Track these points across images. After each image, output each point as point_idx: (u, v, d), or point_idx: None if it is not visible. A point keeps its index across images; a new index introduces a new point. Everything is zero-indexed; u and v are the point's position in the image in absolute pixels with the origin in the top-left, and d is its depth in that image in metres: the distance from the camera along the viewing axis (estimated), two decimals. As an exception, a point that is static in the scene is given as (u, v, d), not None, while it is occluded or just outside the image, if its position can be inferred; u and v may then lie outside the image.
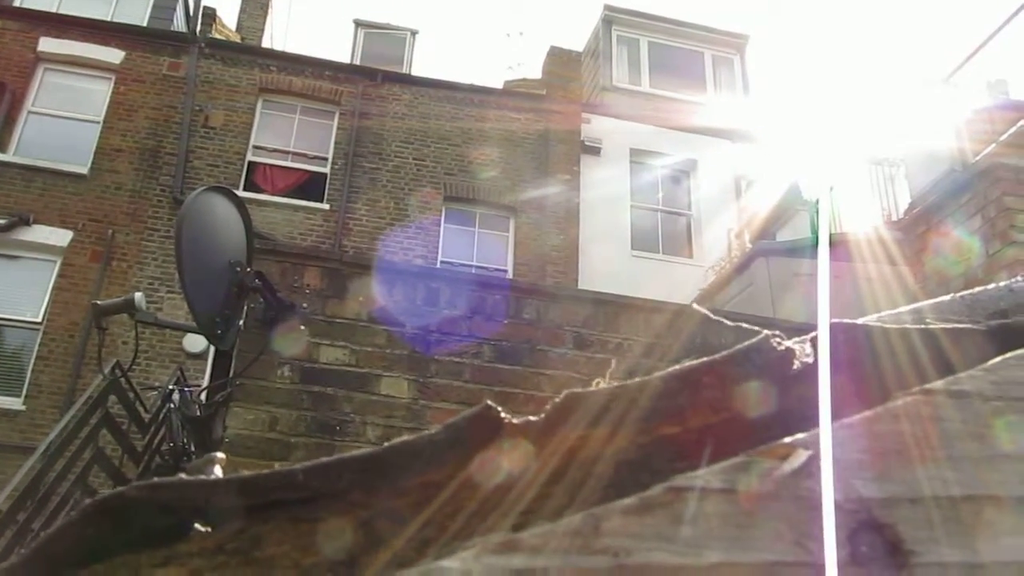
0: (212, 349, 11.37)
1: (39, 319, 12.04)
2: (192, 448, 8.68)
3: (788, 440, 0.58)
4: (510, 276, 13.48)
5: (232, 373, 4.18)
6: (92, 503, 0.56)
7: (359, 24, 17.99)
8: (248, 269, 4.06)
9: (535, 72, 17.53)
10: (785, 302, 6.31)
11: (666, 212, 15.62)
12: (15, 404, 11.42)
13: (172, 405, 8.86)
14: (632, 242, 14.73)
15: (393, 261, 9.68)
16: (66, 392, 11.23)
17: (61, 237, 12.51)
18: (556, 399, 0.63)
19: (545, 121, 14.93)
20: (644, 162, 15.53)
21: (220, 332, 3.93)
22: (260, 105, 14.37)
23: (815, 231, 9.75)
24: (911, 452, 0.59)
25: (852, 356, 0.66)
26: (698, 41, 18.00)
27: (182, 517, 0.58)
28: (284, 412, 4.06)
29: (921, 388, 0.62)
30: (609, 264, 13.73)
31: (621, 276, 12.63)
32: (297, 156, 14.33)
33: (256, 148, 14.11)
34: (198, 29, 14.88)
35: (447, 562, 0.49)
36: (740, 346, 0.65)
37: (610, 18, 17.77)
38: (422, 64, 36.31)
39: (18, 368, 11.87)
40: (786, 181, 12.02)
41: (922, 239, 6.39)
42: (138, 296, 4.76)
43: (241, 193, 11.65)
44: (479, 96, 15.16)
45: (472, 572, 0.48)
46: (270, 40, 18.59)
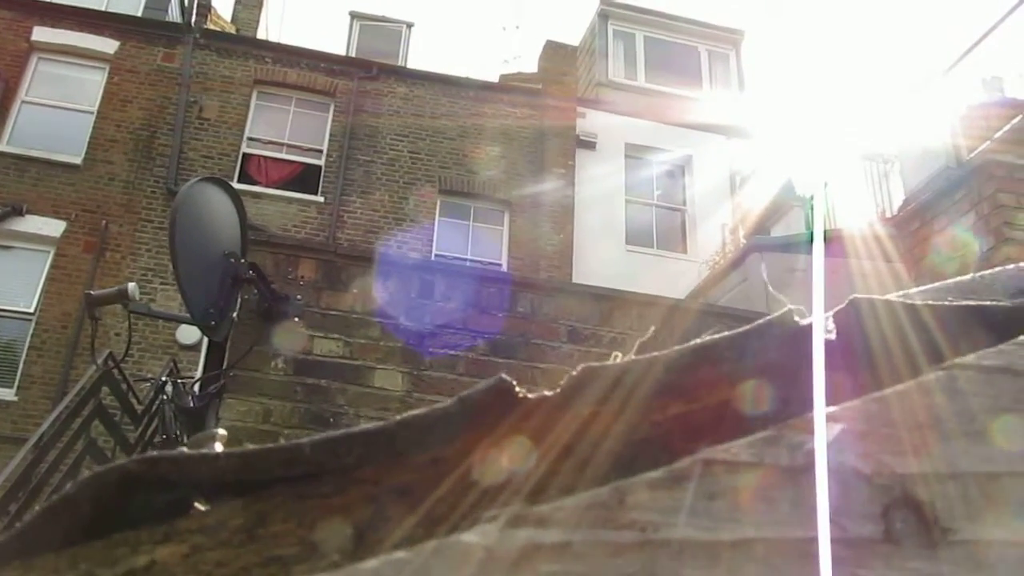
0: (205, 341, 11.37)
1: (32, 310, 12.00)
2: (185, 440, 8.69)
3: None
4: (505, 270, 13.47)
5: (226, 364, 4.17)
6: (90, 477, 0.55)
7: (354, 16, 17.95)
8: (242, 260, 4.05)
9: (531, 66, 17.53)
10: (780, 298, 6.30)
11: (661, 207, 15.63)
12: (7, 395, 11.39)
13: (165, 396, 8.84)
14: (627, 237, 14.73)
15: (388, 254, 9.67)
16: (59, 383, 11.20)
17: (54, 227, 12.46)
18: (572, 372, 0.61)
19: (540, 115, 14.91)
20: (639, 157, 15.53)
21: (214, 323, 3.92)
22: (255, 97, 14.33)
23: (810, 227, 9.76)
24: (944, 427, 0.58)
25: (878, 330, 0.65)
26: (694, 36, 18.00)
27: (182, 493, 0.57)
28: (278, 404, 4.05)
29: (952, 362, 0.61)
30: (603, 259, 13.72)
31: (615, 271, 12.62)
32: (292, 148, 14.29)
33: (251, 140, 14.07)
34: (193, 20, 14.82)
35: (467, 536, 0.48)
36: (761, 320, 0.64)
37: (606, 12, 17.76)
38: (417, 57, 36.27)
39: (11, 359, 11.83)
40: (781, 177, 12.04)
41: (916, 236, 6.39)
42: (131, 287, 4.73)
43: (235, 185, 11.61)
44: (474, 90, 15.14)
45: (493, 545, 0.47)
46: (265, 32, 18.54)
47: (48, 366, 11.56)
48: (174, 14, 15.91)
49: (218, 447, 0.77)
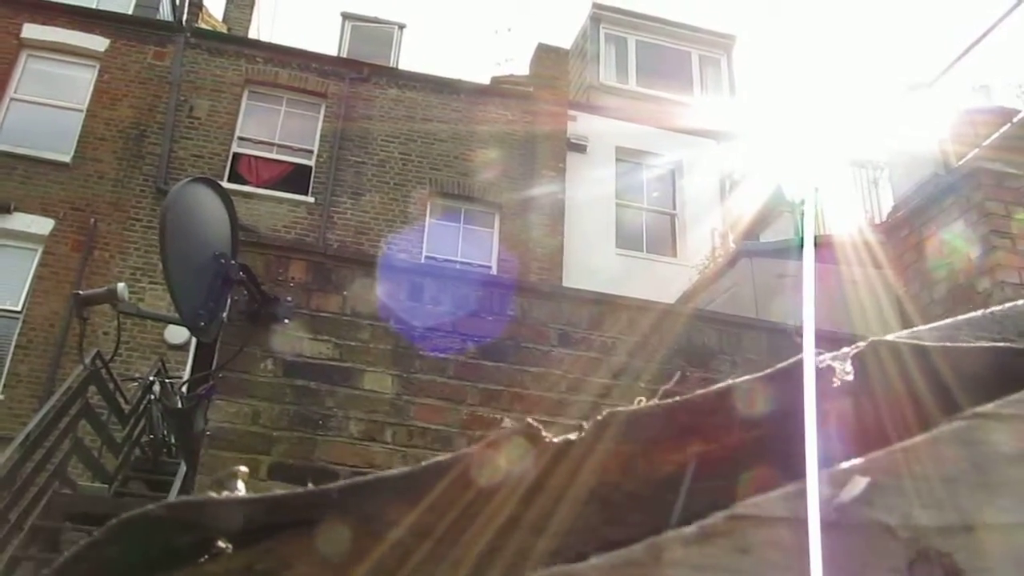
0: (194, 341, 11.33)
1: (19, 308, 11.94)
2: (172, 440, 8.66)
3: (845, 466, 0.57)
4: (495, 272, 13.47)
5: (215, 366, 4.15)
6: (116, 522, 0.54)
7: (346, 17, 17.93)
8: (233, 261, 4.03)
9: (523, 69, 17.52)
10: (770, 303, 6.32)
11: (651, 211, 15.65)
12: (-7, 394, 11.33)
13: (153, 396, 8.83)
14: (617, 240, 14.75)
15: (378, 256, 9.65)
16: (45, 382, 11.14)
17: (42, 226, 12.40)
18: (598, 417, 0.61)
19: (532, 118, 14.92)
20: (630, 161, 15.55)
21: (203, 324, 3.90)
22: (246, 96, 14.30)
23: (800, 232, 9.79)
24: (966, 478, 0.58)
25: (896, 375, 0.65)
26: (686, 41, 18.04)
27: (205, 535, 0.56)
28: (266, 405, 4.03)
29: (972, 412, 0.61)
30: (593, 262, 13.73)
31: (605, 274, 12.64)
32: (282, 148, 14.27)
33: (241, 139, 14.04)
34: (184, 19, 14.79)
35: None
36: (780, 365, 0.64)
37: (598, 16, 17.78)
38: (409, 59, 36.18)
39: (-3, 357, 11.77)
40: (771, 182, 12.06)
41: (905, 242, 6.41)
42: (121, 287, 4.71)
43: (225, 184, 11.58)
44: (466, 92, 15.14)
45: None
46: (257, 31, 18.50)
47: (35, 365, 11.50)
48: (165, 13, 15.85)
49: (240, 486, 0.76)
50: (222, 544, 0.57)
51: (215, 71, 14.16)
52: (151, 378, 9.24)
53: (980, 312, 0.83)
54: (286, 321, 4.16)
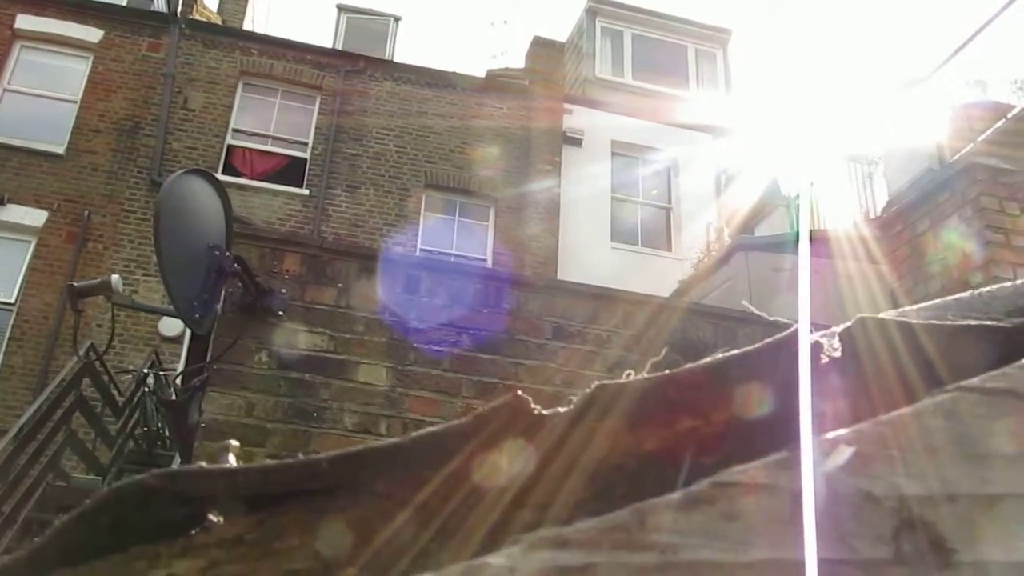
0: (188, 333, 11.30)
1: (12, 300, 11.90)
2: (167, 432, 8.66)
3: (830, 436, 0.58)
4: (490, 265, 13.47)
5: (209, 358, 4.14)
6: (109, 491, 0.55)
7: (342, 9, 17.88)
8: (227, 254, 4.02)
9: (518, 62, 17.49)
10: (765, 297, 6.32)
11: (646, 205, 15.66)
12: (-14, 385, 11.30)
13: (147, 389, 8.82)
14: (612, 234, 14.76)
15: (373, 248, 9.63)
16: (39, 374, 11.12)
17: (36, 217, 12.36)
18: (586, 390, 0.61)
19: (527, 111, 14.90)
20: (625, 155, 15.55)
21: (198, 316, 3.89)
22: (240, 88, 14.25)
23: (795, 227, 9.81)
24: (949, 449, 0.59)
25: (883, 351, 0.65)
26: (682, 35, 18.04)
27: (198, 507, 0.56)
28: (261, 398, 4.03)
29: (957, 385, 0.62)
30: (588, 255, 13.73)
31: (600, 268, 12.63)
32: (277, 140, 14.24)
33: (236, 131, 14.00)
34: (179, 10, 14.70)
35: (493, 558, 0.47)
36: (769, 339, 0.64)
37: (594, 9, 17.76)
38: (405, 51, 36.11)
39: (-10, 349, 11.74)
40: (766, 177, 12.08)
41: (900, 237, 6.42)
42: (115, 279, 4.71)
43: (220, 177, 11.56)
44: (461, 84, 15.11)
45: (518, 568, 0.47)
46: (251, 23, 18.43)
47: (28, 357, 11.47)
48: (159, 3, 15.78)
49: (231, 459, 0.76)
50: (213, 517, 0.57)
51: (210, 63, 14.11)
52: (145, 370, 9.24)
53: (968, 293, 0.84)
54: (280, 313, 4.16)
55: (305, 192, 13.62)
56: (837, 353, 0.65)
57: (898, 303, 5.99)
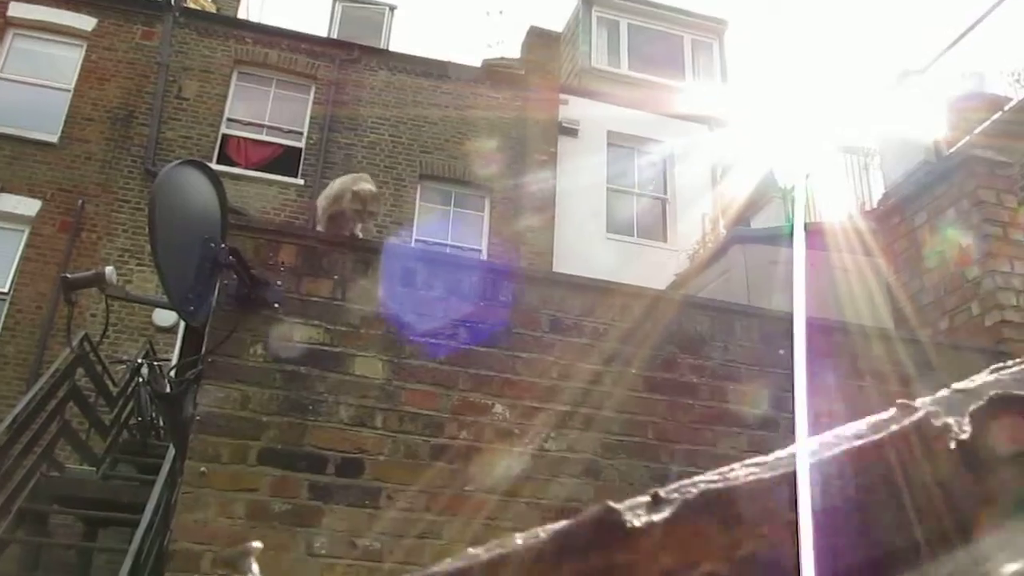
0: (182, 324, 11.27)
1: (6, 289, 11.86)
2: (161, 423, 8.64)
3: None
4: (485, 256, 13.44)
5: (204, 350, 4.12)
6: None
7: (337, -3, 17.80)
8: (222, 245, 3.99)
9: (514, 51, 17.42)
10: (763, 290, 6.30)
11: (642, 196, 15.64)
12: (-21, 375, 11.26)
13: (141, 379, 8.80)
14: (607, 225, 14.74)
15: (368, 240, 9.58)
16: (32, 364, 11.08)
17: (29, 206, 12.30)
18: (688, 496, 0.56)
19: (523, 101, 14.86)
20: (621, 145, 15.52)
21: (192, 308, 3.87)
22: (235, 77, 14.19)
23: (791, 218, 9.79)
24: None
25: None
26: (678, 25, 17.99)
27: None
28: (256, 390, 4.00)
29: None
30: (584, 246, 13.71)
31: (596, 259, 12.62)
32: (272, 130, 14.18)
33: (230, 121, 13.93)
34: (173, -2, 14.62)
35: None
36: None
37: (590, -1, 17.71)
38: (400, 40, 35.94)
39: (-17, 339, 11.70)
40: (762, 168, 12.05)
41: (897, 230, 6.40)
42: (109, 270, 4.68)
43: (214, 167, 11.51)
44: (457, 74, 15.05)
45: None
46: (246, 11, 18.34)
47: (22, 346, 11.43)
48: (154, -9, 15.68)
49: (255, 567, 0.73)
50: None
51: (204, 52, 14.04)
52: (139, 360, 9.22)
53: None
54: (276, 306, 4.13)
55: (300, 182, 13.57)
56: (965, 436, 0.59)
57: (893, 296, 5.98)
